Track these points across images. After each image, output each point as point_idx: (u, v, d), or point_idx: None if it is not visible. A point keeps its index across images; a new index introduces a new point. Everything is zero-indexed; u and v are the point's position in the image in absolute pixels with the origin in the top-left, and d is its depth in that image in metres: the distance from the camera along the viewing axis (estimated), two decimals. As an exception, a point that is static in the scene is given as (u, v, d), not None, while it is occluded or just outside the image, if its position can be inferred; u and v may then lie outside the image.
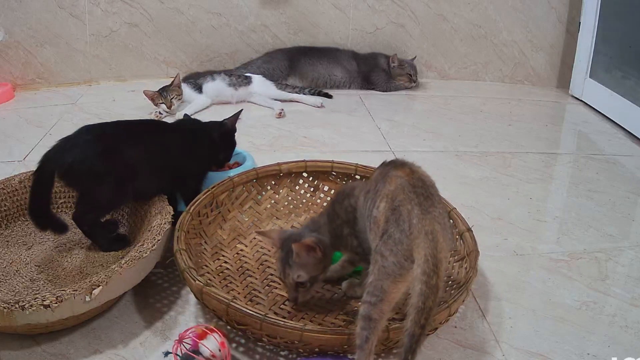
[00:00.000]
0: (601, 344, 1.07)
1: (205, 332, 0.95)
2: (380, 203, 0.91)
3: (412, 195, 0.89)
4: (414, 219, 0.86)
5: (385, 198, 0.90)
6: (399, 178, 0.92)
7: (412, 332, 0.81)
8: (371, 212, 0.93)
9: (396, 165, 0.97)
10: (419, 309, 0.81)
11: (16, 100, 2.31)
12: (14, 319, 0.93)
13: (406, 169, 0.95)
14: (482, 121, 2.25)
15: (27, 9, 2.33)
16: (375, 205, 0.91)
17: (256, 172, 1.40)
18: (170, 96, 2.11)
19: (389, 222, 0.87)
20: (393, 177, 0.93)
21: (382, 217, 0.89)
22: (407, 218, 0.86)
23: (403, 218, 0.86)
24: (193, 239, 1.20)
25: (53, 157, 1.17)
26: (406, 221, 0.86)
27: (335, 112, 2.28)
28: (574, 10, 2.59)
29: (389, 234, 0.86)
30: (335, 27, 2.63)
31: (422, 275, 0.82)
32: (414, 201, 0.88)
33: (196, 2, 2.49)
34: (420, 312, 0.81)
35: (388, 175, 0.94)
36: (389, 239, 0.86)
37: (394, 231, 0.86)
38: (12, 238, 1.31)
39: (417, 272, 0.82)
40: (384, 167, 0.99)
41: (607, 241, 1.43)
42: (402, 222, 0.86)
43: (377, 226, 0.90)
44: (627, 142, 2.09)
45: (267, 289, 1.17)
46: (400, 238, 0.85)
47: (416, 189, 0.90)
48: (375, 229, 0.90)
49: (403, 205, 0.88)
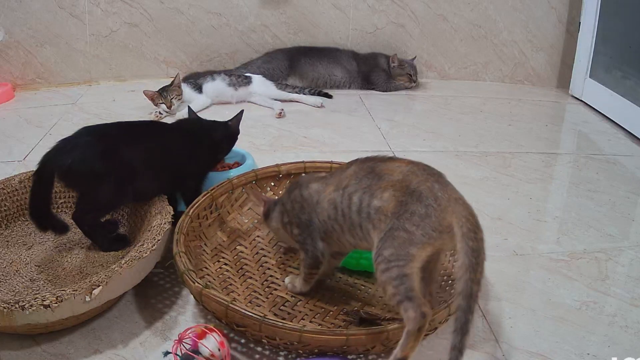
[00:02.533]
0: (601, 344, 1.07)
1: (205, 332, 0.95)
2: (383, 194, 0.96)
3: (427, 176, 0.96)
4: (438, 192, 0.93)
5: (390, 188, 0.96)
6: (402, 167, 0.98)
7: (468, 292, 0.85)
8: (369, 204, 0.97)
9: (383, 160, 1.02)
10: (471, 265, 0.86)
11: (16, 100, 2.31)
12: (14, 319, 0.93)
13: (403, 160, 1.01)
14: (482, 121, 2.25)
15: (27, 9, 2.33)
16: (377, 197, 0.96)
17: (255, 174, 1.40)
18: (170, 96, 2.11)
19: (408, 203, 0.92)
20: (393, 167, 0.99)
21: (390, 205, 0.94)
22: (430, 194, 0.92)
23: (425, 195, 0.92)
24: (193, 241, 1.20)
25: (53, 158, 1.17)
26: (430, 197, 0.92)
27: (335, 112, 2.28)
28: (574, 10, 2.59)
29: (411, 212, 0.92)
30: (335, 27, 2.63)
31: (468, 232, 0.88)
32: (431, 179, 0.95)
33: (196, 2, 2.49)
34: (474, 268, 0.86)
35: (380, 170, 0.99)
36: (412, 215, 0.91)
37: (417, 208, 0.92)
38: (12, 238, 1.31)
39: (460, 233, 0.88)
40: (363, 164, 1.03)
41: (607, 241, 1.43)
42: (426, 199, 0.92)
43: (383, 215, 0.95)
44: (627, 142, 2.08)
45: (267, 290, 1.17)
46: (427, 212, 0.91)
47: (426, 170, 0.98)
48: (381, 217, 0.95)
49: (422, 185, 0.94)
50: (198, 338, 0.94)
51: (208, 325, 0.96)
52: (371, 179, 0.99)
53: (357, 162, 1.05)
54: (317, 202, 1.06)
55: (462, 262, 0.87)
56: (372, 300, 1.15)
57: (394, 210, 0.93)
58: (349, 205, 1.00)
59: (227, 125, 1.46)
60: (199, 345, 0.93)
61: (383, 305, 1.13)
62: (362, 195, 0.98)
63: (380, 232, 0.94)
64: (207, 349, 0.92)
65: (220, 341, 0.94)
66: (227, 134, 1.45)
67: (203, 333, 0.95)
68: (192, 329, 0.96)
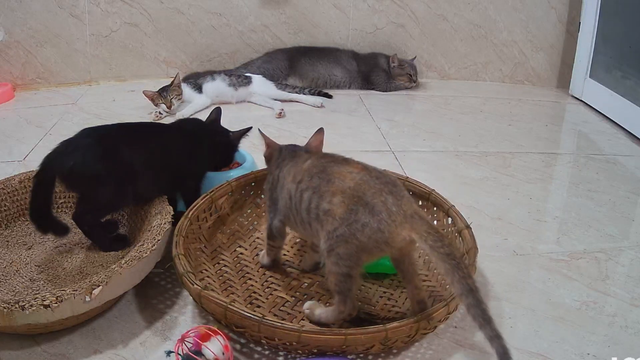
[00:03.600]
0: (601, 344, 1.07)
1: (209, 334, 0.94)
2: (332, 198, 0.97)
3: (381, 186, 0.96)
4: (392, 207, 0.94)
5: (339, 194, 0.96)
6: (353, 174, 0.98)
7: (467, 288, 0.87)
8: (318, 206, 0.98)
9: (337, 161, 1.03)
10: (453, 267, 0.88)
11: (16, 100, 2.31)
12: (14, 319, 0.93)
13: (356, 165, 1.01)
14: (482, 121, 2.25)
15: (27, 9, 2.33)
16: (325, 200, 0.98)
17: (255, 176, 1.39)
18: (170, 96, 2.11)
19: (359, 213, 0.94)
20: (344, 172, 0.99)
21: (339, 210, 0.95)
22: (383, 209, 0.93)
23: (379, 209, 0.93)
24: (192, 243, 1.20)
25: (54, 161, 1.18)
26: (383, 211, 0.93)
27: (335, 112, 2.28)
28: (574, 10, 2.59)
29: (362, 224, 0.93)
30: (335, 27, 2.63)
31: (434, 243, 0.90)
32: (384, 190, 0.95)
33: (196, 2, 2.49)
34: (458, 267, 0.88)
35: (331, 172, 1.00)
36: (364, 228, 0.93)
37: (369, 221, 0.93)
38: (12, 238, 1.31)
39: (428, 246, 0.91)
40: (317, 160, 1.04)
41: (607, 241, 1.43)
42: (379, 213, 0.93)
43: (331, 217, 0.96)
44: (627, 142, 2.09)
45: (267, 291, 1.17)
46: (379, 227, 0.93)
47: (380, 179, 0.98)
48: (329, 219, 0.97)
49: (376, 198, 0.94)
50: (201, 340, 0.94)
51: (212, 327, 0.96)
52: (321, 180, 1.00)
53: (315, 156, 1.07)
54: (282, 186, 1.09)
55: (444, 268, 0.89)
56: (371, 301, 1.15)
57: (343, 215, 0.95)
58: (300, 202, 1.02)
59: (228, 134, 1.46)
60: (202, 348, 0.93)
61: (383, 305, 1.13)
62: (312, 195, 1.00)
63: (329, 233, 0.96)
64: (212, 353, 0.92)
65: (225, 344, 0.94)
66: (224, 141, 1.45)
67: (207, 335, 0.94)
68: (196, 329, 0.96)
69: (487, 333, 0.85)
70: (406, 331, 0.95)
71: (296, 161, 1.09)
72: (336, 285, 0.98)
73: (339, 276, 0.97)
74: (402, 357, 1.03)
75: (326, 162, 1.03)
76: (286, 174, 1.09)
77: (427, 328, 0.99)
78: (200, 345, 0.93)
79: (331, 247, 0.96)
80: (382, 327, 0.94)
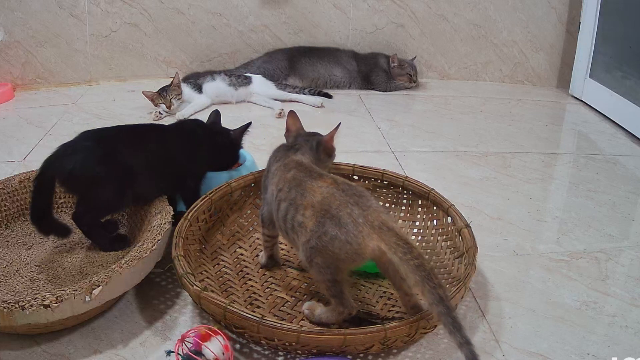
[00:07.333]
0: (601, 344, 1.07)
1: (209, 334, 0.94)
2: (305, 211, 0.99)
3: (347, 198, 0.97)
4: (358, 219, 0.95)
5: (310, 208, 0.98)
6: (322, 188, 1.00)
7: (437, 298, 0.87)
8: (293, 217, 1.00)
9: (313, 176, 1.04)
10: (423, 278, 0.88)
11: (16, 100, 2.31)
12: (14, 319, 0.93)
13: (327, 179, 1.02)
14: (482, 121, 2.25)
15: (27, 9, 2.33)
16: (300, 213, 0.99)
17: (254, 176, 1.39)
18: (170, 96, 2.11)
19: (326, 225, 0.95)
20: (315, 187, 1.01)
21: (310, 222, 0.97)
22: (349, 220, 0.94)
23: (345, 221, 0.94)
24: (192, 244, 1.20)
25: (54, 164, 1.18)
26: (349, 223, 0.94)
27: (335, 112, 2.28)
28: (574, 10, 2.59)
29: (331, 237, 0.95)
30: (335, 27, 2.63)
31: (404, 255, 0.90)
32: (350, 203, 0.96)
33: (196, 2, 2.49)
34: (429, 278, 0.88)
35: (305, 186, 1.02)
36: (333, 240, 0.94)
37: (337, 234, 0.94)
38: (12, 238, 1.31)
39: (397, 258, 0.91)
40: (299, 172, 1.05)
41: (607, 241, 1.43)
42: (345, 225, 0.94)
43: (304, 229, 0.98)
44: (627, 142, 2.09)
45: (267, 291, 1.17)
46: (347, 239, 0.94)
47: (346, 192, 0.99)
48: (303, 231, 0.98)
49: (342, 210, 0.96)
50: (202, 340, 0.94)
51: (212, 327, 0.96)
52: (297, 193, 1.02)
53: (298, 167, 1.07)
54: (270, 182, 1.11)
55: (414, 280, 0.90)
56: (371, 301, 1.15)
57: (313, 228, 0.97)
58: (277, 210, 1.05)
59: (229, 134, 1.46)
60: (202, 348, 0.93)
61: (383, 305, 1.13)
62: (289, 207, 1.02)
63: (304, 244, 0.98)
64: (212, 353, 0.92)
65: (225, 344, 0.94)
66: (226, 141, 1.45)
67: (207, 335, 0.94)
68: (196, 329, 0.96)
69: (457, 339, 0.86)
70: (406, 331, 0.95)
71: (286, 164, 1.10)
72: (328, 290, 1.00)
73: (327, 282, 0.98)
74: (402, 357, 1.03)
75: (304, 176, 1.04)
76: (273, 174, 1.11)
77: (427, 328, 0.99)
78: (201, 345, 0.93)
79: (309, 258, 0.98)
80: (381, 327, 0.94)
